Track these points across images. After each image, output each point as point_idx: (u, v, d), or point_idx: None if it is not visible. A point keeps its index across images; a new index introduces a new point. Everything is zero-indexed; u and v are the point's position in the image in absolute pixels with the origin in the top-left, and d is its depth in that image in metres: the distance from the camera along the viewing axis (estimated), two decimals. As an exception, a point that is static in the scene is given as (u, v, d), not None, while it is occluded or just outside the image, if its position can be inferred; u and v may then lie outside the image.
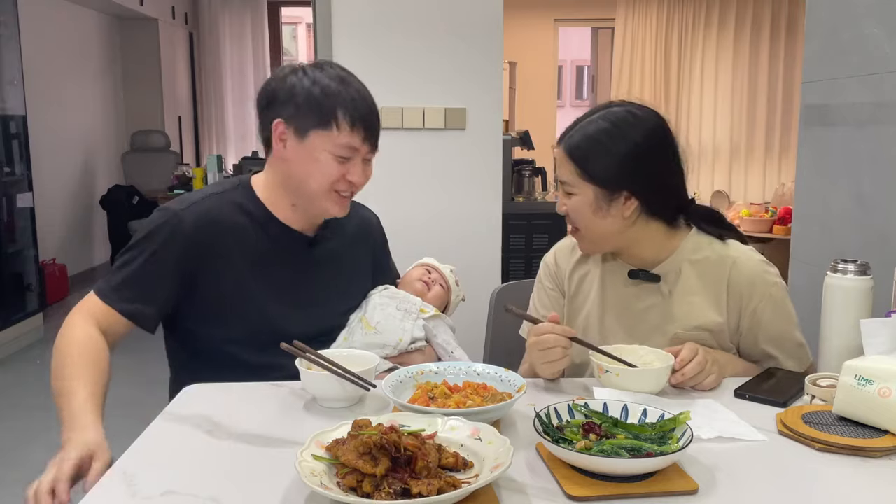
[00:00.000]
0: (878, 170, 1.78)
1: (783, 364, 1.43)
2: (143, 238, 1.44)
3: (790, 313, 1.44)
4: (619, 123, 1.36)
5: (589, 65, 11.00)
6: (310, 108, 1.41)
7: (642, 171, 1.36)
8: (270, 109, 1.44)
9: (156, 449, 1.07)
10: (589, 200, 1.37)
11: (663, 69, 7.69)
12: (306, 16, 10.77)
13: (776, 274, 1.44)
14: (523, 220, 3.95)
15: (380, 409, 1.20)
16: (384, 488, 0.85)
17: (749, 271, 1.42)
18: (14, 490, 2.73)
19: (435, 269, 1.72)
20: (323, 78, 1.42)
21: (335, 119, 1.40)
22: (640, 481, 0.93)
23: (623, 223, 1.39)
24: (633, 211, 1.37)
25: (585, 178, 1.37)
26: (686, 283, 1.43)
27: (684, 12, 7.60)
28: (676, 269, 1.43)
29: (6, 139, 4.68)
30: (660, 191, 1.39)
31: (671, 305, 1.43)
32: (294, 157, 1.44)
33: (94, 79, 6.74)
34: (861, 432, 1.07)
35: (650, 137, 1.37)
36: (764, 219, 5.97)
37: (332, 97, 1.41)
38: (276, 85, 1.45)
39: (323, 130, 1.41)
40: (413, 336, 1.53)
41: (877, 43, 1.77)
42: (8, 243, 4.72)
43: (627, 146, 1.35)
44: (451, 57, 2.81)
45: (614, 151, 1.35)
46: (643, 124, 1.37)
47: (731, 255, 1.43)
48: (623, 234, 1.41)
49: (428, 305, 1.61)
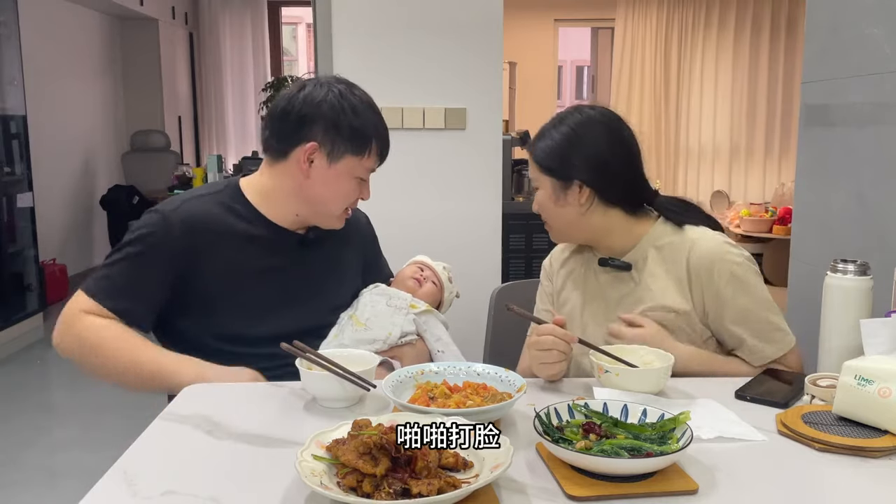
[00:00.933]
0: (878, 170, 1.78)
1: (758, 348, 1.42)
2: (133, 240, 1.46)
3: (757, 293, 1.44)
4: (565, 118, 1.49)
5: (589, 65, 11.00)
6: (351, 136, 1.46)
7: (589, 160, 1.45)
8: (301, 129, 1.46)
9: (156, 449, 1.07)
10: (549, 192, 1.49)
11: (663, 69, 7.69)
12: (306, 16, 10.77)
13: (739, 254, 1.45)
14: (523, 220, 3.95)
15: (380, 409, 1.20)
16: (384, 488, 0.85)
17: (708, 252, 1.44)
18: (15, 490, 2.73)
19: (427, 266, 1.74)
20: (357, 104, 1.47)
21: (369, 147, 1.48)
22: (640, 481, 0.93)
23: (580, 210, 1.47)
24: (587, 199, 1.46)
25: (543, 171, 1.49)
26: (652, 269, 1.48)
27: (684, 12, 7.60)
28: (644, 256, 1.49)
29: (6, 139, 4.68)
30: (611, 179, 1.47)
31: (641, 291, 1.48)
32: (319, 178, 1.47)
33: (94, 79, 6.74)
34: (861, 432, 1.07)
35: (594, 129, 1.47)
36: (764, 219, 5.97)
37: (370, 127, 1.48)
38: (308, 109, 1.46)
39: (355, 157, 1.47)
40: (403, 330, 1.54)
41: (877, 43, 1.77)
42: (8, 243, 4.73)
43: (572, 137, 1.46)
44: (452, 57, 2.81)
45: (561, 143, 1.47)
46: (588, 118, 1.48)
47: (690, 238, 1.47)
48: (585, 223, 1.49)
49: (419, 301, 1.63)
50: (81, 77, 6.48)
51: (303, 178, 1.48)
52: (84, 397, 3.66)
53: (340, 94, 1.47)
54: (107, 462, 1.02)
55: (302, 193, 1.50)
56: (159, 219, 1.45)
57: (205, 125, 8.33)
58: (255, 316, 1.48)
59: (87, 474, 1.05)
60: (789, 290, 2.16)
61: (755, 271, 1.45)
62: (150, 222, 1.46)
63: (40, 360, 4.54)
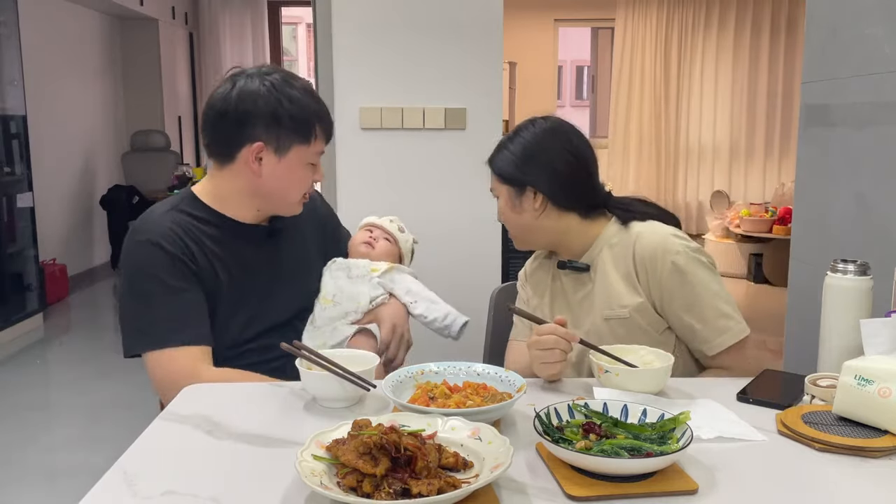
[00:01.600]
0: (878, 170, 1.78)
1: (707, 336, 1.45)
2: (145, 277, 1.43)
3: (704, 281, 1.46)
4: (520, 131, 1.57)
5: (589, 65, 11.01)
6: (293, 126, 1.45)
7: (541, 168, 1.52)
8: (244, 130, 1.44)
9: (156, 449, 1.07)
10: (506, 199, 1.56)
11: (663, 69, 7.69)
12: (306, 16, 10.78)
13: (683, 244, 1.48)
14: (523, 220, 3.95)
15: (380, 409, 1.20)
16: (384, 488, 0.85)
17: (650, 243, 1.48)
18: (14, 490, 2.73)
19: (375, 225, 1.75)
20: (294, 93, 1.45)
21: (313, 131, 1.47)
22: (640, 481, 0.93)
23: (534, 216, 1.53)
24: (541, 204, 1.52)
25: (500, 180, 1.57)
26: (605, 268, 1.52)
27: (684, 12, 7.61)
28: (599, 256, 1.54)
29: (6, 139, 4.68)
30: (562, 185, 1.52)
31: (598, 290, 1.53)
32: (271, 173, 1.47)
33: (94, 79, 6.74)
34: (861, 432, 1.07)
35: (545, 139, 1.54)
36: (764, 219, 5.97)
37: (311, 112, 1.47)
38: (245, 106, 1.43)
39: (302, 145, 1.47)
40: (371, 295, 1.58)
41: (877, 43, 1.77)
42: (8, 243, 4.73)
43: (522, 145, 1.54)
44: (451, 57, 2.81)
45: (513, 150, 1.55)
46: (541, 129, 1.55)
47: (635, 233, 1.51)
48: (541, 227, 1.54)
49: (378, 263, 1.65)
50: (81, 77, 6.48)
51: (255, 178, 1.47)
52: (84, 397, 3.66)
53: (273, 86, 1.44)
54: (107, 462, 1.02)
55: (257, 191, 1.49)
56: (151, 246, 1.43)
57: (205, 125, 8.32)
58: (237, 314, 1.49)
59: (87, 474, 1.05)
60: (789, 290, 2.16)
61: (700, 261, 1.48)
62: (146, 252, 1.43)
63: (40, 360, 4.54)
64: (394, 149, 2.79)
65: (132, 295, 1.44)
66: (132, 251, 1.45)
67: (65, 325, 5.22)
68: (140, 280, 1.43)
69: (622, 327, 1.48)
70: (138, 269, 1.44)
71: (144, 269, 1.43)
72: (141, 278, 1.43)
